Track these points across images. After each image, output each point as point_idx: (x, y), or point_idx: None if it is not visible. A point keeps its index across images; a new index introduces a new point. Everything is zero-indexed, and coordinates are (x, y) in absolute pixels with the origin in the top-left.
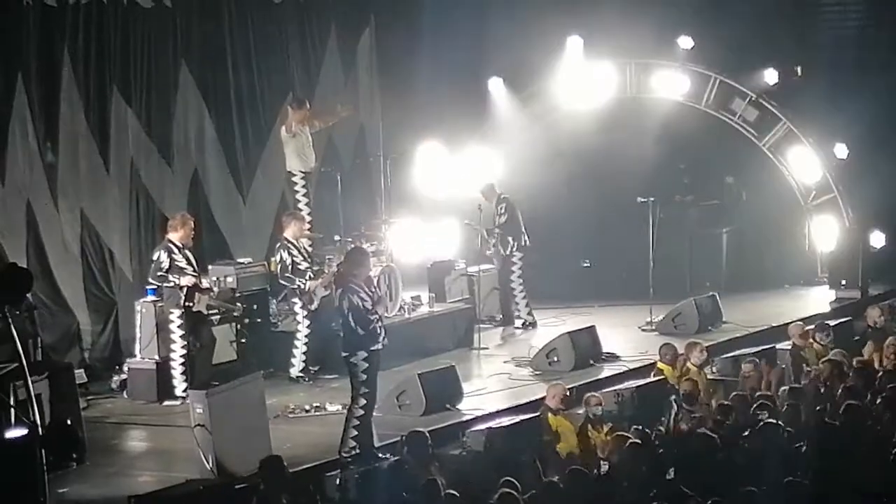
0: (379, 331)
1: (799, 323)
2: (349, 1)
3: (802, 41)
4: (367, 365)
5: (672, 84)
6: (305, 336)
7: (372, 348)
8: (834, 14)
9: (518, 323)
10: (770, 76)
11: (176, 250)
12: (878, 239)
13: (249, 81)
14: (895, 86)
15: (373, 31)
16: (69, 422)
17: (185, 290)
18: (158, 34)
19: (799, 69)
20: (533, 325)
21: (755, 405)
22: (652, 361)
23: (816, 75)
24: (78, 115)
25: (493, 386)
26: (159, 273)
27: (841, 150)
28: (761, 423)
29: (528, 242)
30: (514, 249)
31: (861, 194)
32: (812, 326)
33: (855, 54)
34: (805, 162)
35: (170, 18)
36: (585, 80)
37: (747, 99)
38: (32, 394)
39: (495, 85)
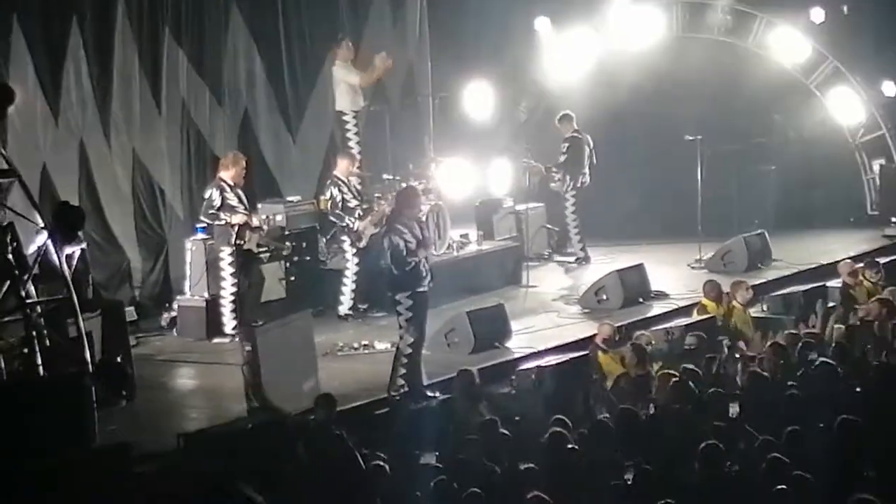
0: (423, 272)
1: (848, 261)
2: None
3: None
4: (410, 303)
5: (719, 23)
6: (354, 274)
7: (417, 289)
8: None
9: (572, 259)
10: (816, 15)
11: (228, 189)
12: None
13: (298, 22)
14: None
15: None
16: (119, 359)
17: (236, 228)
18: None
19: (845, 7)
20: (586, 259)
21: (801, 344)
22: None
23: (863, 13)
24: (131, 56)
25: (541, 324)
26: (211, 211)
27: (889, 88)
28: (817, 363)
29: (585, 183)
30: (570, 188)
31: None
32: (861, 264)
33: None
34: (852, 100)
35: None
36: (632, 20)
37: None
38: (83, 331)
39: (542, 24)
